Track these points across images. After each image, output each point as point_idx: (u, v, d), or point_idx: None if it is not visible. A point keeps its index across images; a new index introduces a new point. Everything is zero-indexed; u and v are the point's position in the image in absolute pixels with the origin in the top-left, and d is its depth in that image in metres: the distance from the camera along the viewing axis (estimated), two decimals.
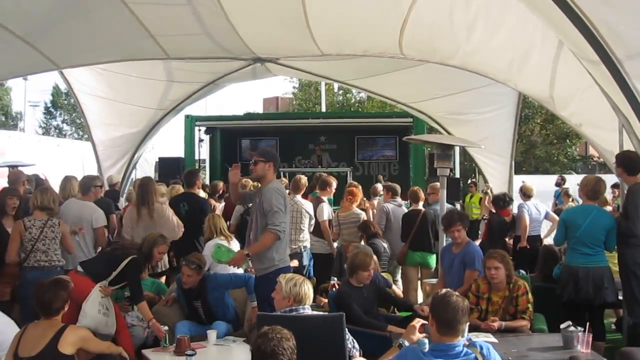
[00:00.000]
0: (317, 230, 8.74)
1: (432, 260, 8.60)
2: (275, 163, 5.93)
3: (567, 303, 6.25)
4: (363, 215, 8.78)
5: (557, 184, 15.63)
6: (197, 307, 6.27)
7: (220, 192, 11.48)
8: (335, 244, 8.79)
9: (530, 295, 5.62)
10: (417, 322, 4.16)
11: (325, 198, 9.09)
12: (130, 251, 6.16)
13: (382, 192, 10.81)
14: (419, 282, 8.74)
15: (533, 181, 11.70)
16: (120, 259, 6.02)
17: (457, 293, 3.63)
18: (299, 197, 8.57)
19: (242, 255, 5.81)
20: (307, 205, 8.57)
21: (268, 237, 5.63)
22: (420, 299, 8.70)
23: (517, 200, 10.92)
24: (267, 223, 5.62)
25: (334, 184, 9.30)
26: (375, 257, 7.08)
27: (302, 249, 8.39)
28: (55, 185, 8.40)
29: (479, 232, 11.29)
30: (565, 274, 6.35)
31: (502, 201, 9.61)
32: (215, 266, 6.88)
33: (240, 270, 6.42)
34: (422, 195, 8.97)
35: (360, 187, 9.59)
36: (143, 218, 7.43)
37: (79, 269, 6.05)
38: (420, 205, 8.88)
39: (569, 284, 6.26)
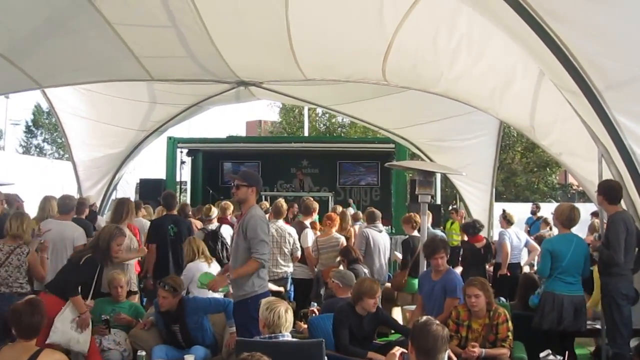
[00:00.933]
0: (303, 256, 8.72)
1: None
2: (258, 187, 5.90)
3: (547, 332, 6.26)
4: (342, 240, 8.76)
5: (533, 212, 15.73)
6: (175, 330, 6.20)
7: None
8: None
9: (510, 324, 5.61)
10: (397, 351, 4.13)
11: (308, 223, 9.08)
12: (83, 253, 6.11)
13: (363, 218, 10.82)
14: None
15: (513, 209, 11.75)
16: (76, 264, 5.96)
17: (437, 321, 3.61)
18: (281, 222, 8.55)
19: (222, 278, 5.78)
20: (291, 230, 8.56)
21: (252, 265, 5.59)
22: None
23: (497, 227, 10.96)
24: (252, 251, 5.57)
25: (316, 208, 9.35)
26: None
27: (288, 275, 8.37)
28: (34, 204, 8.32)
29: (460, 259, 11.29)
30: (549, 303, 6.32)
31: (472, 228, 9.43)
32: (193, 290, 6.83)
33: (220, 295, 6.37)
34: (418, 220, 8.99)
35: (339, 212, 9.65)
36: None
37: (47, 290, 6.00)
38: (416, 232, 8.88)
39: (552, 313, 6.26)
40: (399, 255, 9.21)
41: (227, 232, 8.88)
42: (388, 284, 9.36)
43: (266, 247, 5.62)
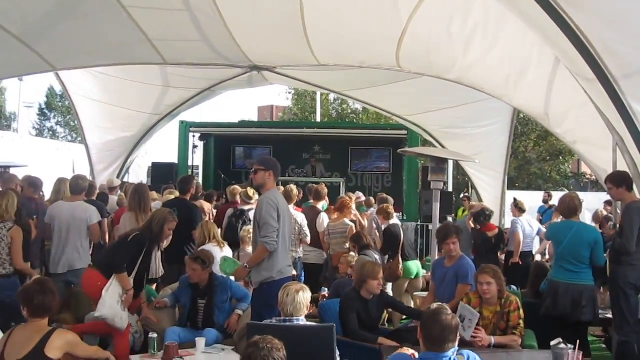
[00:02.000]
0: (313, 240, 8.73)
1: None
2: (275, 171, 5.89)
3: (556, 319, 6.26)
4: (351, 227, 8.77)
5: (545, 201, 15.66)
6: (200, 307, 6.26)
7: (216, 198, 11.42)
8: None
9: (521, 312, 5.59)
10: (408, 351, 4.17)
11: (320, 207, 9.10)
12: (134, 230, 6.23)
13: (375, 204, 10.83)
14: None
15: (525, 197, 11.71)
16: (124, 241, 6.08)
17: (448, 311, 3.60)
18: (291, 207, 8.56)
19: (243, 269, 5.90)
20: (299, 216, 8.57)
21: (259, 251, 5.65)
22: None
23: (509, 215, 10.92)
24: (260, 235, 5.61)
25: (326, 192, 9.40)
26: None
27: (297, 260, 8.39)
28: (47, 186, 8.37)
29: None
30: (547, 288, 6.45)
31: (482, 217, 9.34)
32: None
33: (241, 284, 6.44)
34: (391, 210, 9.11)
35: (353, 198, 9.66)
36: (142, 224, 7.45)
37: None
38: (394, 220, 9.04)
39: (548, 298, 6.35)
40: None
41: None
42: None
43: (270, 229, 5.60)
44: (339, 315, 5.87)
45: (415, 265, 8.64)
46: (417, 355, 3.90)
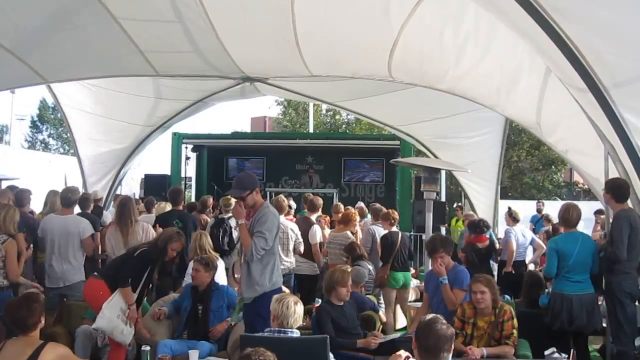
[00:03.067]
0: (306, 252, 8.72)
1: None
2: (257, 186, 5.93)
3: (556, 330, 6.25)
4: (353, 240, 8.77)
5: (538, 210, 15.67)
6: (199, 312, 6.32)
7: (210, 207, 11.42)
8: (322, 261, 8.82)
9: (515, 321, 5.59)
10: (403, 353, 4.16)
11: (313, 219, 9.10)
12: (141, 246, 6.27)
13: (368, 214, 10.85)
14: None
15: (518, 206, 11.73)
16: (130, 256, 6.09)
17: (443, 320, 3.59)
18: (282, 218, 8.54)
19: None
20: (292, 226, 8.56)
21: (249, 240, 5.62)
22: (403, 322, 8.71)
23: (502, 225, 10.93)
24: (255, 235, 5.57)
25: (321, 204, 9.41)
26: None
27: (290, 270, 8.38)
28: (38, 199, 8.35)
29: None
30: (558, 303, 6.33)
31: (476, 227, 9.13)
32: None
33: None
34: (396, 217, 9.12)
35: (342, 210, 9.76)
36: (125, 237, 7.46)
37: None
38: (395, 227, 8.99)
39: (562, 313, 6.27)
40: None
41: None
42: None
43: (261, 243, 5.58)
44: (317, 327, 5.92)
45: (403, 276, 8.58)
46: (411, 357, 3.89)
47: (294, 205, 9.52)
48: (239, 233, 6.40)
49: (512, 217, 10.10)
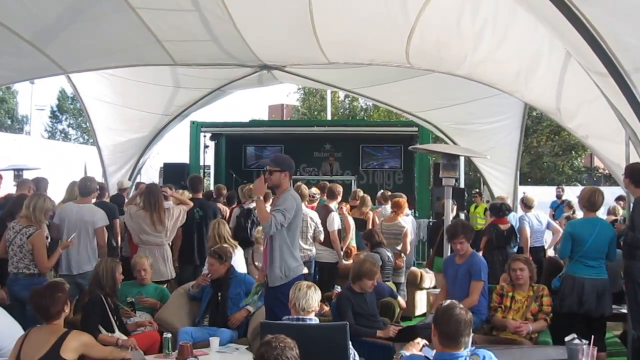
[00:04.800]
0: (326, 240, 8.74)
1: None
2: (291, 172, 5.83)
3: (568, 315, 6.23)
4: (406, 229, 8.75)
5: (558, 196, 15.55)
6: (219, 301, 6.40)
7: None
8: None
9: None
10: (421, 341, 4.18)
11: (333, 206, 9.09)
12: (86, 293, 6.11)
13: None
14: None
15: (536, 192, 11.69)
16: (84, 307, 6.04)
17: (460, 305, 3.59)
18: (303, 206, 8.56)
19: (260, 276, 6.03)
20: (312, 214, 8.58)
21: (266, 213, 5.62)
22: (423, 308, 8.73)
23: (520, 211, 10.89)
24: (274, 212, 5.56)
25: (341, 191, 9.40)
26: None
27: (311, 257, 8.41)
28: (59, 188, 8.43)
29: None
30: (569, 285, 6.34)
31: (499, 210, 9.38)
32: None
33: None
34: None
35: (360, 196, 9.76)
36: (154, 223, 7.61)
37: None
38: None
39: (572, 295, 6.27)
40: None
41: None
42: (413, 268, 9.40)
43: (283, 218, 5.49)
44: (337, 314, 5.98)
45: None
46: (428, 345, 3.90)
47: (317, 193, 9.47)
48: None
49: (524, 204, 10.08)
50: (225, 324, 6.24)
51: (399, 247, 8.74)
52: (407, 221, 9.09)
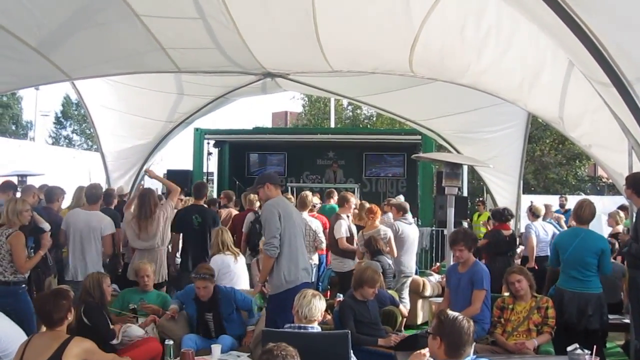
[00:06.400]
0: (337, 248, 8.72)
1: None
2: (271, 181, 6.01)
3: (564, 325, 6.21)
4: (389, 233, 8.73)
5: (561, 205, 15.53)
6: (208, 319, 6.27)
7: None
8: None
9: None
10: (427, 351, 4.17)
11: (344, 215, 9.04)
12: (83, 305, 6.00)
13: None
14: None
15: (541, 201, 11.65)
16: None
17: (462, 316, 3.60)
18: (305, 214, 8.55)
19: (257, 288, 6.13)
20: (314, 223, 8.56)
21: (264, 261, 5.81)
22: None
23: (524, 220, 10.87)
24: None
25: (352, 200, 9.33)
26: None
27: (313, 266, 8.39)
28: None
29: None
30: (555, 295, 6.36)
31: (501, 215, 9.39)
32: (222, 280, 6.93)
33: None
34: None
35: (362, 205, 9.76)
36: (145, 229, 7.67)
37: None
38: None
39: (555, 305, 6.26)
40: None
41: None
42: (416, 277, 9.36)
43: (269, 235, 5.66)
44: (339, 322, 5.97)
45: None
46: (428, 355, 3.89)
47: (317, 202, 9.41)
48: None
49: (532, 213, 10.06)
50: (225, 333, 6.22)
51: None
52: (410, 229, 9.04)
